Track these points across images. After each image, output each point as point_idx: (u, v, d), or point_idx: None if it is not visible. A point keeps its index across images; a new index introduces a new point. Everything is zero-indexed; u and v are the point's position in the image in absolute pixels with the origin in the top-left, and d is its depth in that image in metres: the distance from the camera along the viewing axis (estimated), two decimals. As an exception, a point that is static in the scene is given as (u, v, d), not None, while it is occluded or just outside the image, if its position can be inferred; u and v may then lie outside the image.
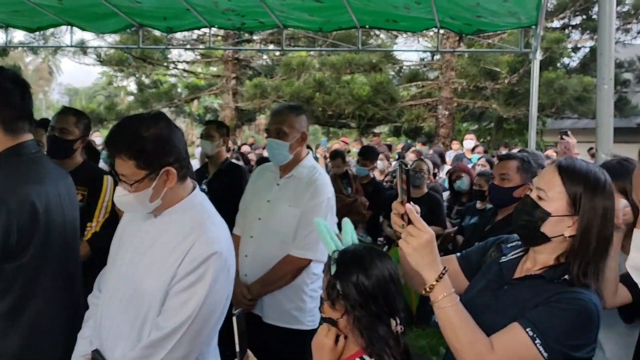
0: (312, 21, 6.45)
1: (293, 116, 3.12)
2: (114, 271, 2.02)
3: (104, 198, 3.35)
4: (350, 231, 1.76)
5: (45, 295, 2.10)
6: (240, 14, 6.28)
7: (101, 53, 16.21)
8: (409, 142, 13.79)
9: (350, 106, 14.61)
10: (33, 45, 15.04)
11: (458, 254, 2.00)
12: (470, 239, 3.60)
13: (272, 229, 3.08)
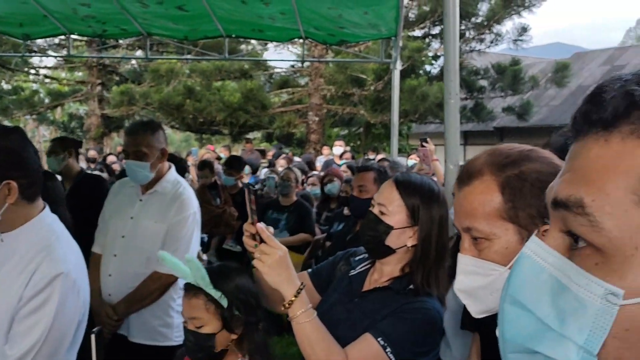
0: (177, 29, 6.36)
1: (149, 135, 3.02)
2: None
3: None
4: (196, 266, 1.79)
5: None
6: (101, 21, 6.05)
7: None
8: (280, 146, 13.84)
9: (221, 113, 14.46)
10: None
11: (309, 270, 2.07)
12: (334, 247, 3.71)
13: (137, 247, 2.99)
